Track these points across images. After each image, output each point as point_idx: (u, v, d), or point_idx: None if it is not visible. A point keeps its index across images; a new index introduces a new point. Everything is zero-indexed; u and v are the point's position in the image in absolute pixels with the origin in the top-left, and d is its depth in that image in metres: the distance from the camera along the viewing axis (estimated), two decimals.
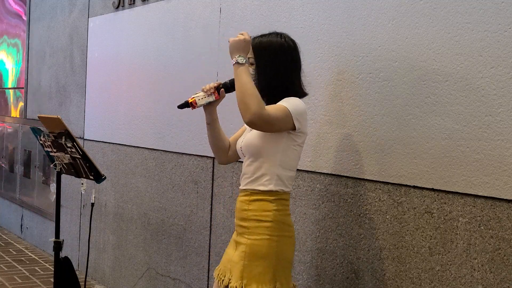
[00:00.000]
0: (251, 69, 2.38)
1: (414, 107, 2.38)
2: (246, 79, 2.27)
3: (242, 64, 2.30)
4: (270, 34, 2.43)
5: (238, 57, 2.31)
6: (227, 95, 2.50)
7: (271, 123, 2.26)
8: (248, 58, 2.38)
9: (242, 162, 2.49)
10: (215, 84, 2.48)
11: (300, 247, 2.87)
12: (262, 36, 2.43)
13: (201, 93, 2.49)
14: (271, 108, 2.28)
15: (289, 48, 2.41)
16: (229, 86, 2.47)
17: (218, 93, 2.47)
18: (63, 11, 5.48)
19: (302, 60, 2.45)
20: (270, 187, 2.36)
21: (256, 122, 2.23)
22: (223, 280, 2.43)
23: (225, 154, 2.62)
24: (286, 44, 2.40)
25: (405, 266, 2.42)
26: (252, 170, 2.39)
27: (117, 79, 4.56)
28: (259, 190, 2.36)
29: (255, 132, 2.39)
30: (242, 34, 2.35)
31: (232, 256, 2.42)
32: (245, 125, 2.50)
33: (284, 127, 2.31)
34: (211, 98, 2.49)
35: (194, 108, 2.50)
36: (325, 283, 2.76)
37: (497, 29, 2.11)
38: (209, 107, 2.52)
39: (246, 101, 2.22)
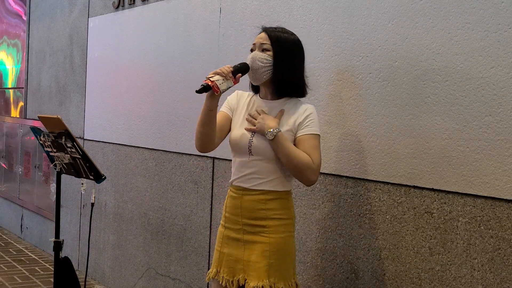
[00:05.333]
0: (266, 55, 2.38)
1: (414, 107, 2.38)
2: (287, 150, 2.32)
3: (275, 135, 2.33)
4: (282, 28, 2.46)
5: (267, 132, 2.34)
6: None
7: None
8: (263, 43, 2.40)
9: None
10: (230, 69, 2.36)
11: (300, 247, 2.87)
12: (276, 28, 2.44)
13: (218, 77, 2.33)
14: (315, 154, 2.35)
15: (302, 47, 2.46)
16: (243, 70, 2.40)
17: (234, 78, 2.38)
18: (63, 11, 5.48)
19: None
20: (287, 187, 2.43)
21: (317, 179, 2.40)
22: (232, 282, 2.41)
23: (213, 142, 2.49)
24: (299, 42, 2.45)
25: (405, 266, 2.42)
26: (265, 171, 2.38)
27: (117, 79, 4.56)
28: (276, 191, 2.39)
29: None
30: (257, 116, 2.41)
31: (242, 256, 2.40)
32: (230, 111, 2.54)
33: None
34: (230, 83, 2.36)
35: (217, 93, 2.32)
36: (325, 283, 2.76)
37: (497, 29, 2.11)
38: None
39: (304, 174, 2.33)
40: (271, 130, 2.33)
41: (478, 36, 2.17)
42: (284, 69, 2.39)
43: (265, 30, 2.43)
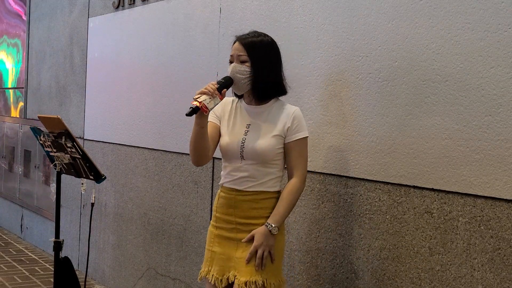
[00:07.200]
0: (245, 66, 2.42)
1: (414, 107, 2.38)
2: (289, 210, 2.45)
3: (276, 227, 2.41)
4: (254, 32, 2.50)
5: (274, 231, 2.42)
6: None
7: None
8: (240, 55, 2.43)
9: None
10: (216, 86, 2.40)
11: (300, 247, 2.87)
12: (248, 35, 2.48)
13: (205, 96, 2.36)
14: (301, 164, 2.45)
15: (276, 46, 2.51)
16: (228, 85, 2.45)
17: (220, 93, 2.41)
18: (63, 11, 5.48)
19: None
20: (277, 187, 2.49)
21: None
22: (221, 280, 2.46)
23: (208, 155, 2.52)
24: (273, 42, 2.50)
25: (405, 266, 2.42)
26: (258, 174, 2.44)
27: (117, 79, 4.56)
28: (269, 191, 2.46)
29: (262, 139, 2.43)
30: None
31: (234, 254, 2.45)
32: (217, 119, 2.57)
33: None
34: (217, 100, 2.40)
35: (207, 112, 2.36)
36: (325, 283, 2.76)
37: (497, 29, 2.11)
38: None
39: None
40: (274, 230, 2.41)
41: (478, 36, 2.17)
42: (263, 75, 2.44)
43: (239, 39, 2.46)
